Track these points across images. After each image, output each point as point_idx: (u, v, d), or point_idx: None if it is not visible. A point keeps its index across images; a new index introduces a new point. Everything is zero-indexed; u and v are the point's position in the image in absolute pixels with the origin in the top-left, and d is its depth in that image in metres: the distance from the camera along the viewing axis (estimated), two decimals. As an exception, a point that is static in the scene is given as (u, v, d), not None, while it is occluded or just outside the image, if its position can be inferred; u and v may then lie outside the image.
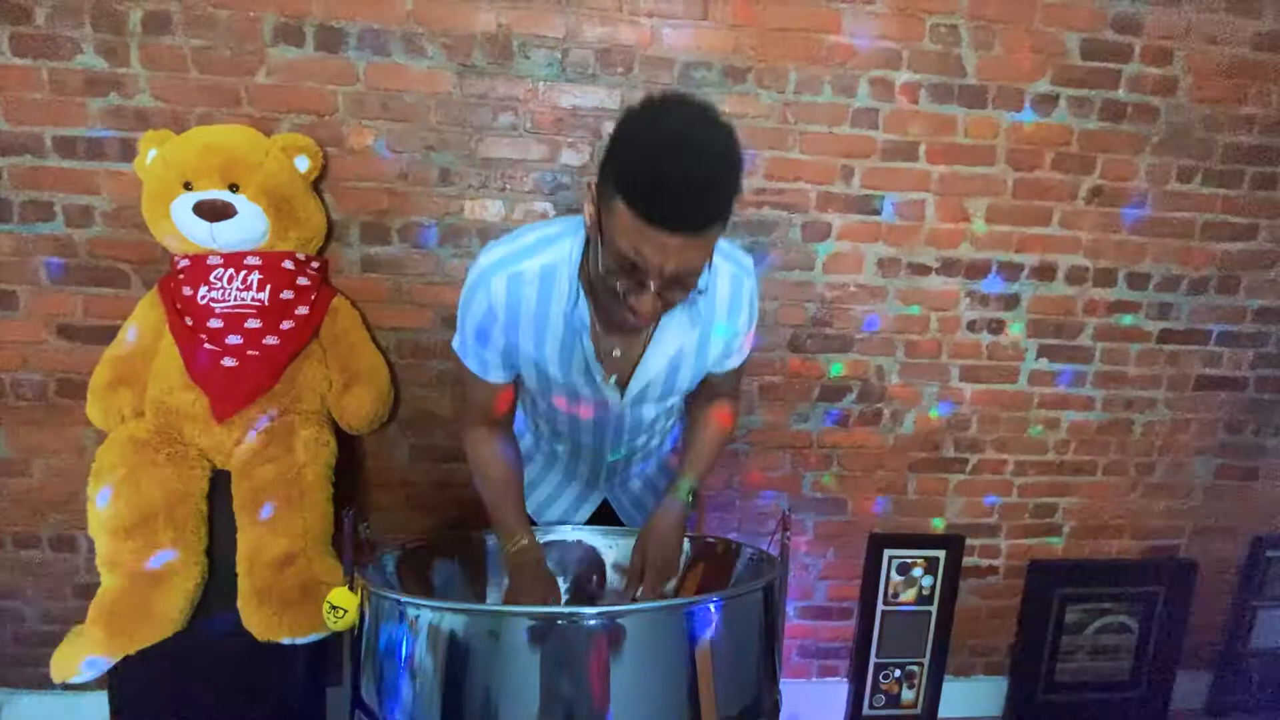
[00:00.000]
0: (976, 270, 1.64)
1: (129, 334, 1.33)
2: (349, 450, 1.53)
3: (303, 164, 1.33)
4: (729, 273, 0.91)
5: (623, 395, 0.94)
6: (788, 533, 0.88)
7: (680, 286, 0.77)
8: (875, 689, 1.81)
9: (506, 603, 0.90)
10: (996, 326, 1.68)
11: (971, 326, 1.68)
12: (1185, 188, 1.64)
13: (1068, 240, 1.65)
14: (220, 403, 1.24)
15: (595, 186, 0.78)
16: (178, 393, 1.26)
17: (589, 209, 0.79)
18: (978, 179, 1.59)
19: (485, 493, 0.99)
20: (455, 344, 0.96)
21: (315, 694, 1.40)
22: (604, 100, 1.47)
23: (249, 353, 1.26)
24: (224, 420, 1.25)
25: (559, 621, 0.70)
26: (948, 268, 1.63)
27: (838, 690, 1.83)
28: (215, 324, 1.26)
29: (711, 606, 0.75)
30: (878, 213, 1.59)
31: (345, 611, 0.79)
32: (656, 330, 0.90)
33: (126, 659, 1.21)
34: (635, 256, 0.73)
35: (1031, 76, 1.55)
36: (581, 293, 0.87)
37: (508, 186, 1.49)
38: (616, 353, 0.92)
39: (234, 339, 1.26)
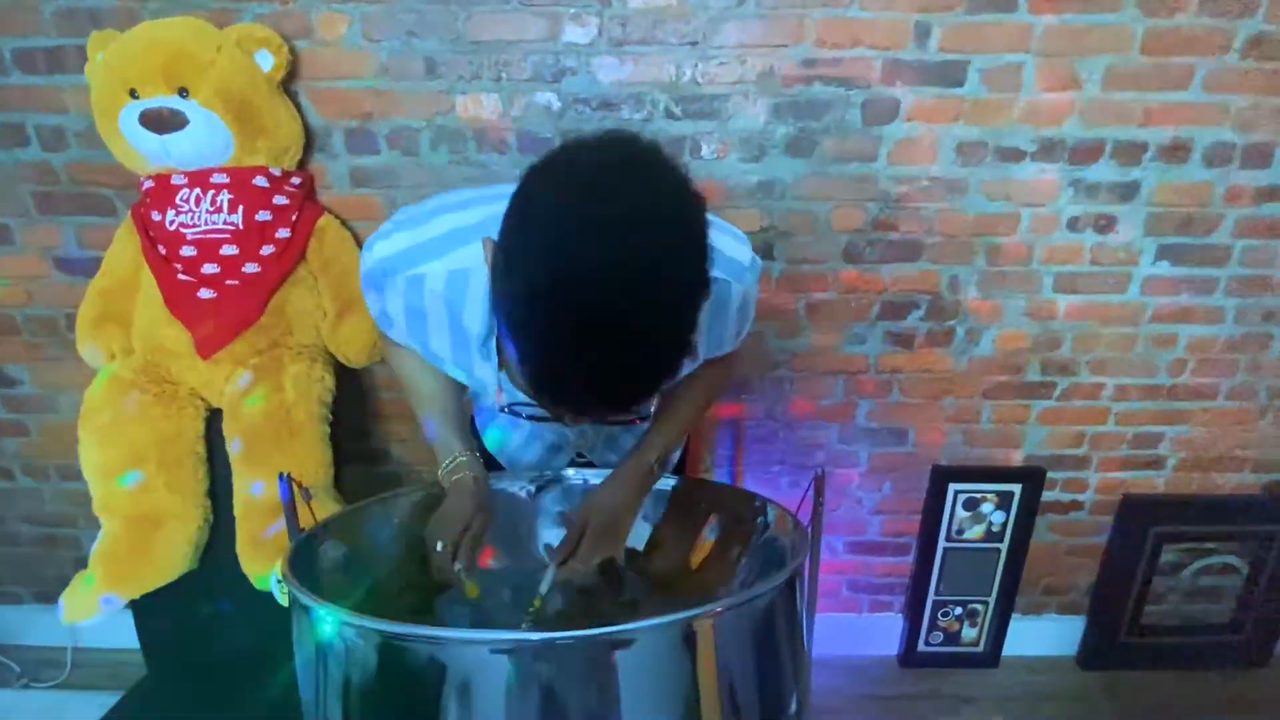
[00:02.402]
0: (1085, 153, 1.32)
1: (110, 265, 1.24)
2: (358, 383, 1.44)
3: (265, 61, 1.15)
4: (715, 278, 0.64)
5: None
6: (821, 498, 0.70)
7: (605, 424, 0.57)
8: (933, 626, 1.68)
9: (428, 533, 0.76)
10: (1105, 224, 1.37)
11: (1073, 225, 1.37)
12: (1389, 26, 1.24)
13: (1211, 109, 1.29)
14: (202, 338, 1.15)
15: (492, 255, 0.55)
16: (161, 328, 1.17)
17: (486, 261, 0.57)
18: (1095, 32, 1.24)
19: (413, 401, 0.85)
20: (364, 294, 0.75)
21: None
22: (612, -44, 1.19)
23: (227, 282, 1.15)
24: (209, 356, 1.16)
25: (507, 649, 0.55)
26: (1047, 151, 1.32)
27: (891, 625, 1.71)
28: (188, 251, 1.14)
29: (710, 621, 0.58)
30: (960, 84, 1.27)
31: (296, 586, 0.68)
32: None
33: (145, 595, 1.21)
34: (539, 403, 0.56)
35: (1184, -122, 1.15)
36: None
37: (503, 75, 1.26)
38: None
39: (210, 268, 1.14)
